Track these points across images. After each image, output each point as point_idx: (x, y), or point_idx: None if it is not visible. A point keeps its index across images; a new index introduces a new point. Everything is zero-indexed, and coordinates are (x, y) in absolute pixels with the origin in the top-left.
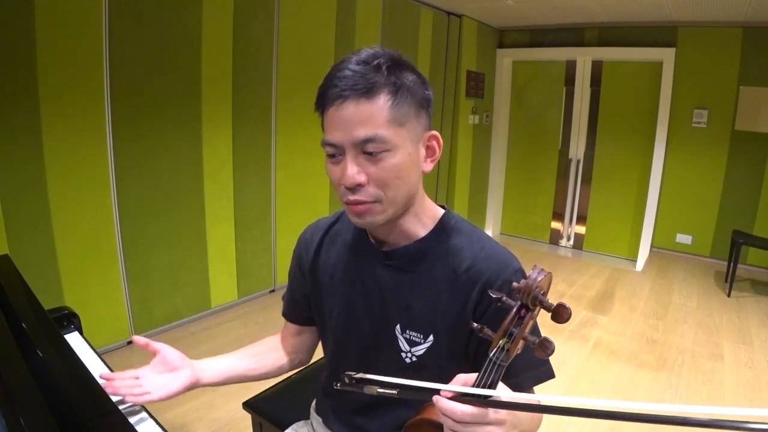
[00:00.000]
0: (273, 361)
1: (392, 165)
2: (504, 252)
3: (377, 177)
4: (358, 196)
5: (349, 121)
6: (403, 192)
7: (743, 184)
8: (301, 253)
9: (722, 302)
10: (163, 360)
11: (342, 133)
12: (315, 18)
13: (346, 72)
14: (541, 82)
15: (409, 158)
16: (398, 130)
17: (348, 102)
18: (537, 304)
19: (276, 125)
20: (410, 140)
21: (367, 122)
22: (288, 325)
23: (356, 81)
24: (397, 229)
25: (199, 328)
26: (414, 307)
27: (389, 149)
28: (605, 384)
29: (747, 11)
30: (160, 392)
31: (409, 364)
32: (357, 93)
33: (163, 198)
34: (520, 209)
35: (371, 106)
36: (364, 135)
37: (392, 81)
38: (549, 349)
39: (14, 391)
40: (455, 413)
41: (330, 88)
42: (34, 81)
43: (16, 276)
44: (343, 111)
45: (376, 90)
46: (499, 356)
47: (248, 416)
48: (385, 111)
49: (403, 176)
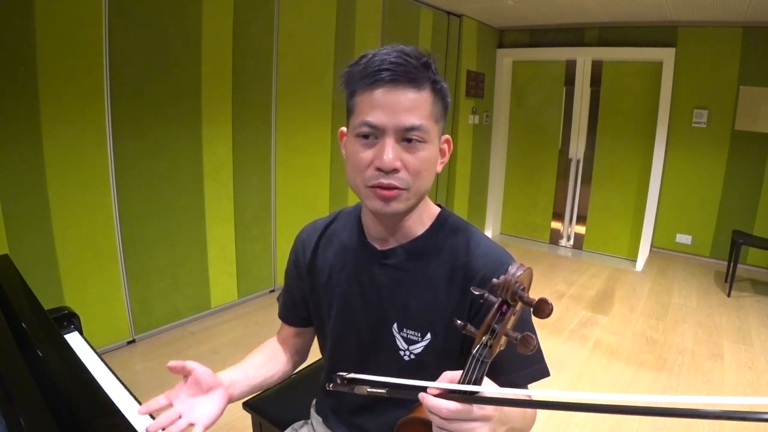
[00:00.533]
0: (281, 365)
1: (426, 156)
2: (499, 250)
3: (412, 165)
4: (391, 180)
5: (398, 106)
6: (426, 184)
7: (743, 184)
8: (298, 254)
9: (722, 302)
10: (196, 381)
11: (388, 116)
12: (315, 18)
13: (397, 59)
14: (541, 82)
15: (435, 154)
16: (434, 125)
17: (399, 87)
18: (517, 300)
19: (276, 125)
20: (438, 138)
21: (414, 111)
22: (286, 328)
23: (409, 70)
24: (400, 226)
25: (199, 328)
26: (411, 305)
27: (427, 141)
28: (605, 384)
29: (747, 11)
30: (204, 421)
31: (408, 363)
32: (409, 81)
33: (163, 198)
34: (520, 209)
35: (419, 97)
36: (411, 122)
37: (436, 80)
38: (531, 345)
39: (14, 391)
40: (441, 410)
41: (380, 71)
42: (34, 81)
43: (16, 276)
44: (392, 95)
45: (424, 84)
46: (482, 352)
47: (248, 416)
48: (429, 105)
49: (430, 169)
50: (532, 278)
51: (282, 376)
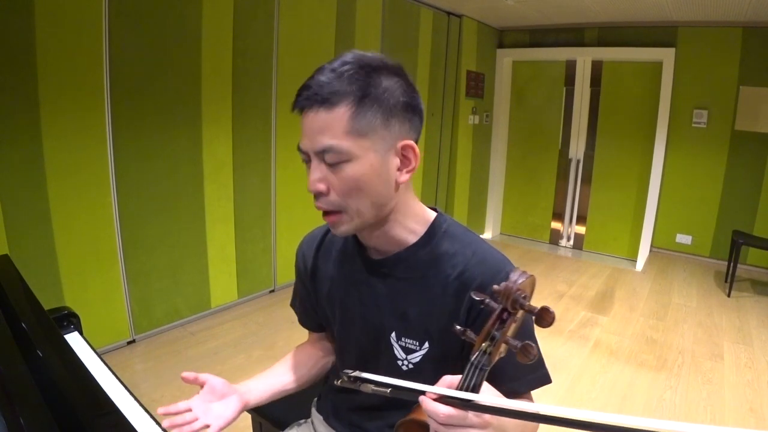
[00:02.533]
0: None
1: (351, 175)
2: (497, 256)
3: (337, 186)
4: (320, 203)
5: (311, 130)
6: (366, 203)
7: (743, 184)
8: (300, 267)
9: (722, 302)
10: (211, 390)
11: (307, 141)
12: (315, 18)
13: (315, 79)
14: (541, 82)
15: (371, 169)
16: (358, 140)
17: (310, 111)
18: (518, 308)
19: (276, 125)
20: (374, 150)
21: (325, 132)
22: (310, 333)
23: (317, 90)
24: (384, 237)
25: (199, 328)
26: (409, 314)
27: (348, 159)
28: (605, 384)
29: (747, 11)
30: (219, 422)
31: (406, 372)
32: (317, 102)
33: (163, 198)
34: (520, 209)
35: (329, 116)
36: (321, 145)
37: (354, 90)
38: (531, 354)
39: (14, 391)
40: (437, 414)
41: (298, 96)
42: (34, 81)
43: (16, 276)
44: (306, 119)
45: (336, 100)
46: (481, 359)
47: (248, 416)
48: (344, 122)
49: (364, 187)
50: (535, 286)
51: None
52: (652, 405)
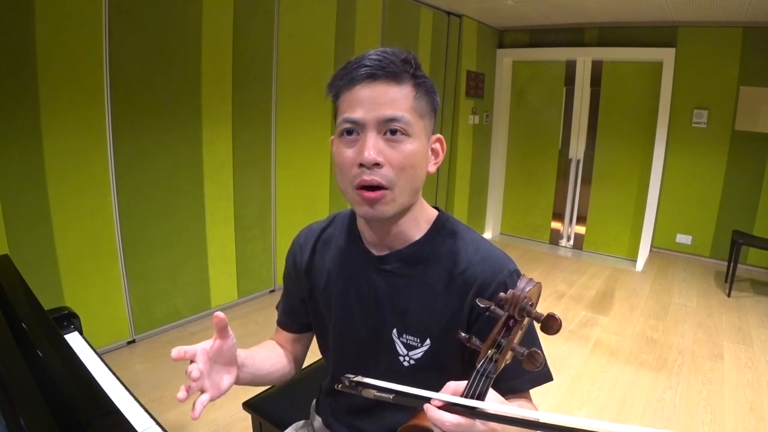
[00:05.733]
0: (282, 365)
1: (410, 150)
2: (499, 254)
3: (395, 160)
4: (373, 175)
5: (377, 100)
6: (413, 183)
7: (743, 184)
8: (296, 257)
9: (722, 302)
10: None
11: (367, 110)
12: (315, 18)
13: (376, 56)
14: (541, 82)
15: (423, 150)
16: (418, 120)
17: (378, 81)
18: (524, 315)
19: (276, 125)
20: (425, 134)
21: (394, 103)
22: (284, 334)
23: (387, 64)
24: (394, 231)
25: (199, 328)
26: (410, 310)
27: (410, 134)
28: (605, 384)
29: (747, 11)
30: (213, 392)
31: (408, 368)
32: (387, 75)
33: (163, 198)
34: (520, 209)
35: (399, 90)
36: (392, 114)
37: (418, 75)
38: (537, 362)
39: (14, 391)
40: (444, 423)
41: (359, 68)
42: (34, 81)
43: (16, 276)
44: (372, 89)
45: (404, 78)
46: (487, 367)
47: (248, 416)
48: (410, 99)
49: (416, 165)
50: (541, 293)
51: (281, 377)
52: (652, 405)
